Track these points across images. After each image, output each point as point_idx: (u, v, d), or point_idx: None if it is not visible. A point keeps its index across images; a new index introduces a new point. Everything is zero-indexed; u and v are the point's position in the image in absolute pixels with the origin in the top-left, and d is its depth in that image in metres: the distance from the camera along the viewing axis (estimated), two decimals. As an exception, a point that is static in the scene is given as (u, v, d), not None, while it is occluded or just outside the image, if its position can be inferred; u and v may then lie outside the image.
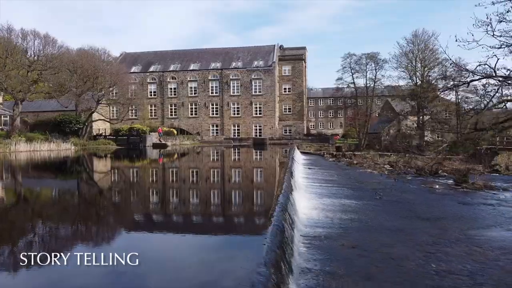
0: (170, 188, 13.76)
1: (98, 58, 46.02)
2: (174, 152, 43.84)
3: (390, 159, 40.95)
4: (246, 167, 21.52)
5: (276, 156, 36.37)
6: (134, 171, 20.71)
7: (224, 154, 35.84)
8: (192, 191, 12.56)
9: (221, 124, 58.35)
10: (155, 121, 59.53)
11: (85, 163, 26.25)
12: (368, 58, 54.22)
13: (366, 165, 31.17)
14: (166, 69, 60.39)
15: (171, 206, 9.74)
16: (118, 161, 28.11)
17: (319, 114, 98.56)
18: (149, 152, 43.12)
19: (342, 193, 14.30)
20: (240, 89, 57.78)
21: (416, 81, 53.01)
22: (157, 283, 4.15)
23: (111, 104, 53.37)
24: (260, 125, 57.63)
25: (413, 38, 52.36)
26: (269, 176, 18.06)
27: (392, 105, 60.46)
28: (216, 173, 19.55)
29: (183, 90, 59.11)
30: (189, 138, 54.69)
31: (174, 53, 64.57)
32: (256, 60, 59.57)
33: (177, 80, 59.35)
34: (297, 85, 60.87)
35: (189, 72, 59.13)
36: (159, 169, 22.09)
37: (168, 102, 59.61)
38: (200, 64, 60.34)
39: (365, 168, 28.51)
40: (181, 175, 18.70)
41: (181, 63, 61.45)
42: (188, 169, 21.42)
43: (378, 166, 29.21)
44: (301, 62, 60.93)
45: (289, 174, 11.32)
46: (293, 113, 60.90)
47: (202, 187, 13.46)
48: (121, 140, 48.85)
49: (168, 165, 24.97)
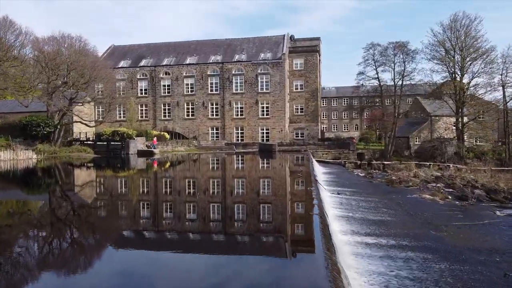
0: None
1: (71, 47, 37.98)
2: (163, 160, 35.72)
3: (432, 171, 32.24)
4: (253, 189, 13.02)
5: (286, 164, 27.95)
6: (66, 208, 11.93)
7: (222, 165, 27.42)
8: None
9: (222, 127, 50.02)
10: (146, 123, 51.44)
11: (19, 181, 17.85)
12: (397, 48, 45.52)
13: (413, 183, 22.74)
14: (159, 63, 52.29)
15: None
16: (75, 176, 19.79)
17: (332, 115, 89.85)
18: (132, 162, 35.27)
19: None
20: (244, 86, 49.43)
21: (454, 75, 44.18)
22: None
23: (94, 103, 45.36)
24: (268, 128, 49.18)
25: (451, 23, 43.54)
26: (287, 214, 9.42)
27: (422, 103, 51.62)
28: (213, 210, 10.73)
29: (178, 87, 50.93)
30: (183, 144, 46.44)
31: (168, 45, 56.47)
32: (263, 52, 51.18)
33: (171, 75, 51.19)
34: (310, 81, 52.38)
35: (185, 66, 50.94)
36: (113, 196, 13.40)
37: (160, 102, 51.47)
38: (198, 57, 52.13)
39: (415, 191, 20.19)
40: (152, 209, 10.28)
41: (176, 56, 53.29)
42: (165, 197, 12.83)
43: (434, 189, 20.64)
44: (315, 55, 52.42)
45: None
46: (305, 114, 52.33)
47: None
48: (100, 146, 40.76)
49: (137, 185, 16.55)
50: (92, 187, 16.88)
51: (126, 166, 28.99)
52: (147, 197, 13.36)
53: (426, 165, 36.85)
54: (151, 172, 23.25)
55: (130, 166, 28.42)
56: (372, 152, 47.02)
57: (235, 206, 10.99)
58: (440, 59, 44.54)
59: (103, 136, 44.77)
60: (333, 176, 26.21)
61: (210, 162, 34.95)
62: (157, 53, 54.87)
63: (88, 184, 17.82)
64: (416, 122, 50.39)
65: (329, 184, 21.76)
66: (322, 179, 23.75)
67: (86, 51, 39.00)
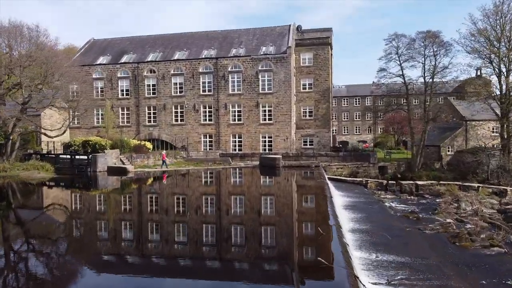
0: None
1: (20, 36, 30.28)
2: (134, 181, 28.31)
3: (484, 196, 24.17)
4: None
5: (292, 191, 20.08)
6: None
7: (212, 187, 19.40)
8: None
9: (216, 134, 42.17)
10: (128, 129, 43.75)
11: None
12: (427, 38, 37.37)
13: (494, 241, 14.67)
14: (143, 59, 44.50)
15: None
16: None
17: (342, 116, 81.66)
18: (100, 182, 28.01)
19: None
20: (242, 86, 41.54)
21: (500, 72, 35.94)
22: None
23: (66, 107, 37.75)
24: (270, 136, 41.23)
25: (495, 8, 35.23)
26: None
27: (455, 105, 43.35)
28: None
29: (165, 87, 43.15)
30: (169, 155, 38.68)
31: (155, 38, 48.66)
32: (265, 45, 43.21)
33: (156, 73, 43.40)
34: (321, 79, 44.35)
35: (173, 62, 43.11)
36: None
37: (144, 104, 43.72)
38: (189, 52, 44.27)
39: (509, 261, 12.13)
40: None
41: (164, 51, 45.48)
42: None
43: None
44: (326, 48, 44.37)
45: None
46: (315, 119, 44.30)
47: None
48: (63, 161, 33.09)
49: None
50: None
51: (82, 192, 21.18)
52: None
53: (472, 186, 28.74)
54: (92, 212, 15.33)
55: (82, 196, 20.57)
56: (397, 165, 38.86)
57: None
58: (480, 51, 36.31)
59: (72, 146, 37.19)
60: (358, 215, 18.26)
61: (197, 182, 27.10)
62: (142, 47, 47.10)
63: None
64: (448, 128, 42.15)
65: (357, 237, 13.93)
66: (344, 221, 15.85)
67: (43, 45, 31.24)
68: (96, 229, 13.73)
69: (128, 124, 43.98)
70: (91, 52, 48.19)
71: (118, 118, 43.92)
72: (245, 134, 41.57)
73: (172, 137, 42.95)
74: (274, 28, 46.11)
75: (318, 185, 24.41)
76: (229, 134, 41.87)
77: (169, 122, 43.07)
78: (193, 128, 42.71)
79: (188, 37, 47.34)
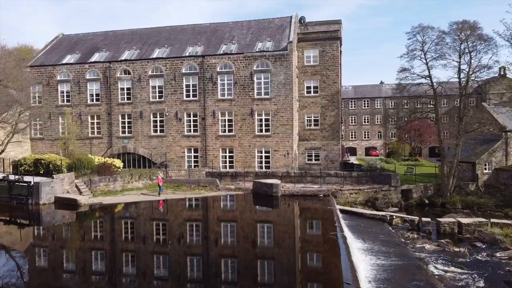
0: None
1: None
2: (79, 223, 21.38)
3: None
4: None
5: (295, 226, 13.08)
6: None
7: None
8: None
9: (203, 148, 34.88)
10: (99, 142, 36.53)
11: None
12: (463, 31, 29.97)
13: None
14: (117, 58, 37.23)
15: None
16: None
17: (349, 120, 74.08)
18: (45, 220, 20.91)
19: None
20: (234, 89, 34.20)
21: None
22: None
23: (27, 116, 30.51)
24: (268, 150, 33.91)
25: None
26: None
27: (492, 113, 35.88)
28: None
29: (142, 91, 35.88)
30: (142, 176, 31.42)
31: (132, 33, 41.34)
32: (261, 40, 35.84)
33: (132, 75, 36.13)
34: (328, 81, 37.01)
35: (151, 61, 35.81)
36: None
37: (118, 111, 36.46)
38: (171, 49, 36.96)
39: None
40: None
41: (141, 48, 38.20)
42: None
43: None
44: (335, 44, 37.02)
45: None
46: (322, 129, 36.94)
47: None
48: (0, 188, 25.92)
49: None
50: None
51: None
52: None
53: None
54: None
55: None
56: (424, 187, 31.45)
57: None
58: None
59: (22, 166, 30.02)
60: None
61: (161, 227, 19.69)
62: (117, 44, 39.82)
63: None
64: (484, 140, 34.70)
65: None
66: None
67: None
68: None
69: (99, 135, 36.72)
70: (59, 50, 40.96)
71: (87, 128, 36.68)
72: (237, 148, 34.26)
73: (150, 151, 35.69)
74: (273, 20, 38.70)
75: (327, 239, 17.03)
76: (218, 148, 34.58)
77: (147, 133, 35.81)
78: (175, 141, 35.42)
79: (170, 31, 40.00)
